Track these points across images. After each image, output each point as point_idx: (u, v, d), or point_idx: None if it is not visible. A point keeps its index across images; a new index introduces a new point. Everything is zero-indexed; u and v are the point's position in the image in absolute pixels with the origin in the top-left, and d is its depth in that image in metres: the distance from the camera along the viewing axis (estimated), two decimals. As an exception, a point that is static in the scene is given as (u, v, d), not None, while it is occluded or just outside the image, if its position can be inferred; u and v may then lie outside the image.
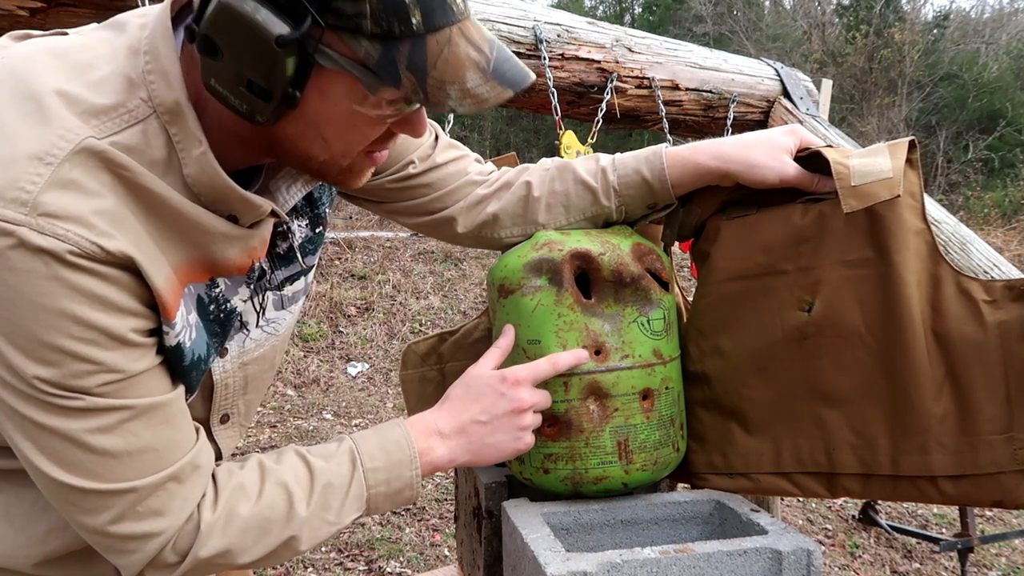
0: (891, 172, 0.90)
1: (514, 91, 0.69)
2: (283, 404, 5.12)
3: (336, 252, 7.64)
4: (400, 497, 0.86)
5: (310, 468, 0.81)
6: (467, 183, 1.08)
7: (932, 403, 0.90)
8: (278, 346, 0.95)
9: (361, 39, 0.64)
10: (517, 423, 0.92)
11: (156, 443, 0.71)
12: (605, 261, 1.00)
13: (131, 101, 0.68)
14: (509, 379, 0.92)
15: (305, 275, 0.95)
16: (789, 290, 0.99)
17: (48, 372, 0.64)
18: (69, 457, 0.67)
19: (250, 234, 0.78)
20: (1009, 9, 15.09)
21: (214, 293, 0.79)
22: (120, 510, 0.70)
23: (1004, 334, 0.88)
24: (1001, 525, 3.88)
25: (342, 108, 0.70)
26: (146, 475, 0.70)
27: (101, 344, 0.65)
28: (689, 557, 0.86)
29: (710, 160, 1.01)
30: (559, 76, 1.86)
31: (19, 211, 0.60)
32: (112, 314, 0.66)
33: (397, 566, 3.21)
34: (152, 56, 0.69)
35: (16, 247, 0.61)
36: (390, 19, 0.63)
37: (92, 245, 0.63)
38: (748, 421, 1.03)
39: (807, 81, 2.37)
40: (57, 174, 0.62)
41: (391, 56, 0.65)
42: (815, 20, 13.68)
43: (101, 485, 0.68)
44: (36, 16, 1.30)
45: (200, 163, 0.70)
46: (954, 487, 0.90)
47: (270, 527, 0.77)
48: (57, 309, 0.63)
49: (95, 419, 0.67)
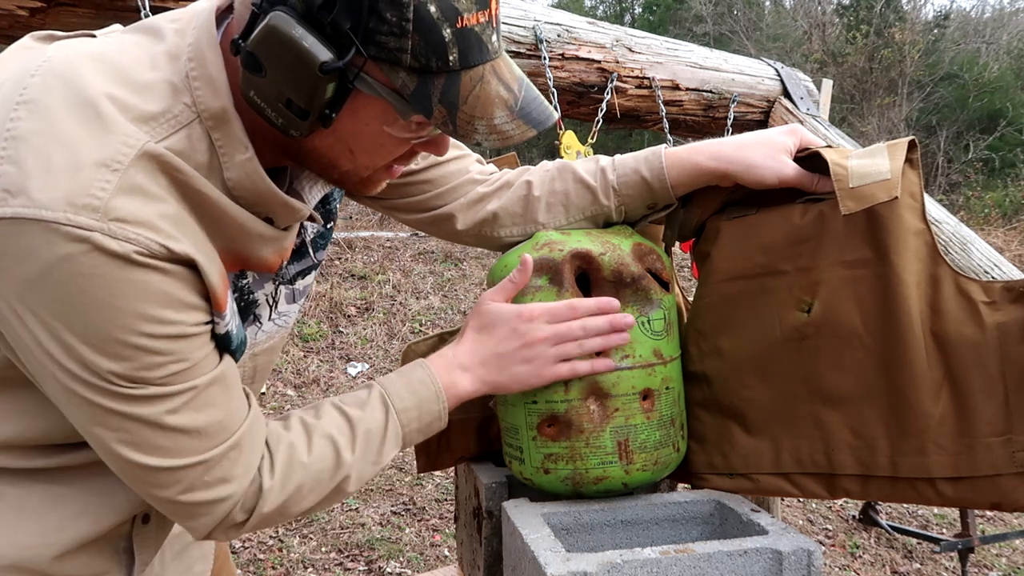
0: (889, 173, 0.90)
1: (537, 131, 0.74)
2: (283, 404, 5.12)
3: (336, 252, 7.64)
4: (431, 428, 0.93)
5: (349, 418, 0.87)
6: (468, 181, 1.09)
7: (930, 404, 0.90)
8: (284, 338, 0.99)
9: (400, 71, 0.68)
10: (533, 354, 0.95)
11: (218, 414, 0.75)
12: (605, 261, 1.00)
13: (176, 107, 0.70)
14: (524, 315, 0.95)
15: (314, 269, 0.98)
16: (788, 290, 0.99)
17: (121, 366, 0.67)
18: (142, 439, 0.71)
19: (284, 235, 0.82)
20: (1010, 9, 15.09)
21: (240, 283, 0.85)
22: (189, 482, 0.75)
23: (1002, 336, 0.87)
24: (1001, 525, 3.88)
25: (373, 128, 0.74)
26: (211, 448, 0.75)
27: (169, 337, 0.69)
28: (689, 557, 0.86)
29: (708, 161, 1.01)
30: (559, 76, 1.86)
31: (92, 217, 0.63)
32: (178, 310, 0.69)
33: (397, 566, 3.21)
34: (198, 63, 0.71)
35: (90, 252, 0.63)
36: (429, 56, 0.67)
37: (160, 247, 0.66)
38: (748, 421, 1.03)
39: (807, 81, 2.37)
40: (124, 180, 0.65)
41: (426, 89, 0.69)
42: (815, 20, 13.67)
43: (172, 462, 0.73)
44: (36, 16, 1.30)
45: (245, 168, 0.73)
46: (952, 489, 0.90)
47: (322, 477, 0.84)
48: (129, 308, 0.66)
49: (165, 403, 0.71)
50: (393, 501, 3.79)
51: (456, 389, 0.94)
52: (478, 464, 1.23)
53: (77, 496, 0.79)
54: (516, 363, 0.95)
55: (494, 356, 0.95)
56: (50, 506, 0.79)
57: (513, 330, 0.95)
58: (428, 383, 0.92)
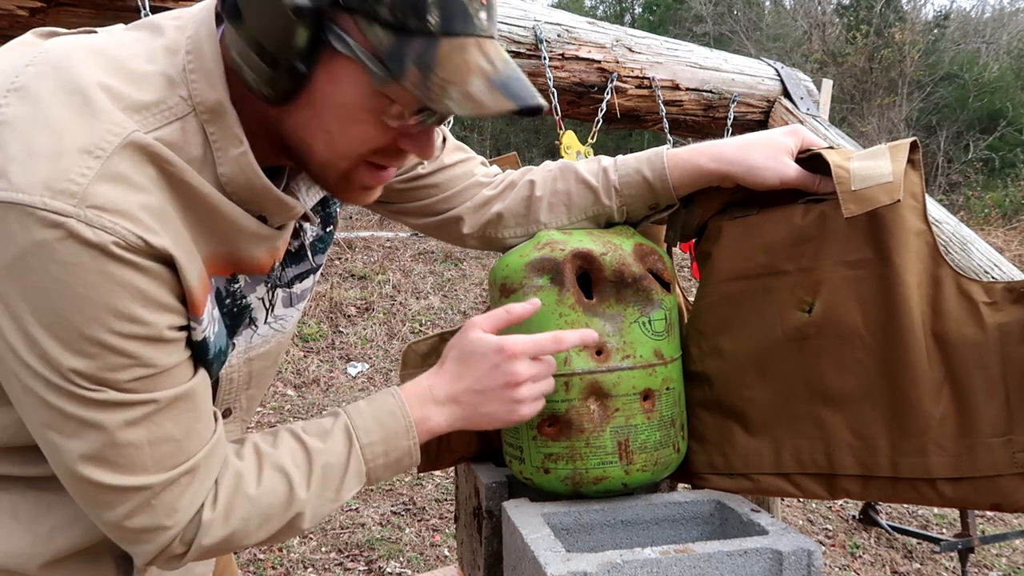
0: (891, 176, 0.90)
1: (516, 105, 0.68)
2: (283, 404, 5.12)
3: (336, 252, 7.63)
4: (400, 465, 0.87)
5: (307, 450, 0.82)
6: (474, 184, 1.09)
7: (931, 405, 0.90)
8: (283, 343, 0.96)
9: (376, 26, 0.65)
10: (511, 396, 0.90)
11: (178, 433, 0.72)
12: (607, 261, 1.00)
13: (171, 98, 0.69)
14: (507, 350, 0.89)
15: (314, 273, 0.96)
16: (790, 290, 0.99)
17: (84, 364, 0.65)
18: (95, 451, 0.68)
19: (277, 235, 0.80)
20: (1010, 9, 15.08)
21: (232, 288, 0.81)
22: (135, 505, 0.71)
23: (1004, 336, 0.87)
24: (1002, 525, 3.88)
25: (348, 100, 0.70)
26: (164, 469, 0.71)
27: (139, 338, 0.66)
28: (690, 557, 0.86)
29: (710, 162, 1.01)
30: (559, 76, 1.86)
31: (68, 202, 0.61)
32: (152, 309, 0.67)
33: (397, 566, 3.21)
34: (196, 55, 0.70)
35: (65, 239, 0.61)
36: (407, 13, 0.64)
37: (137, 239, 0.64)
38: (748, 421, 1.03)
39: (807, 81, 2.37)
40: (106, 167, 0.63)
41: (401, 49, 0.65)
42: (815, 20, 13.67)
43: (122, 479, 0.69)
44: (36, 16, 1.30)
45: (239, 163, 0.72)
46: (953, 490, 0.90)
47: (271, 512, 0.79)
48: (101, 302, 0.64)
49: (125, 412, 0.68)
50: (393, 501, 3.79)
51: (429, 424, 0.88)
52: (478, 464, 1.23)
53: (69, 504, 0.77)
54: (494, 402, 0.90)
55: (471, 393, 0.90)
56: (42, 514, 0.77)
57: (495, 366, 0.89)
58: (399, 415, 0.86)
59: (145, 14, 1.31)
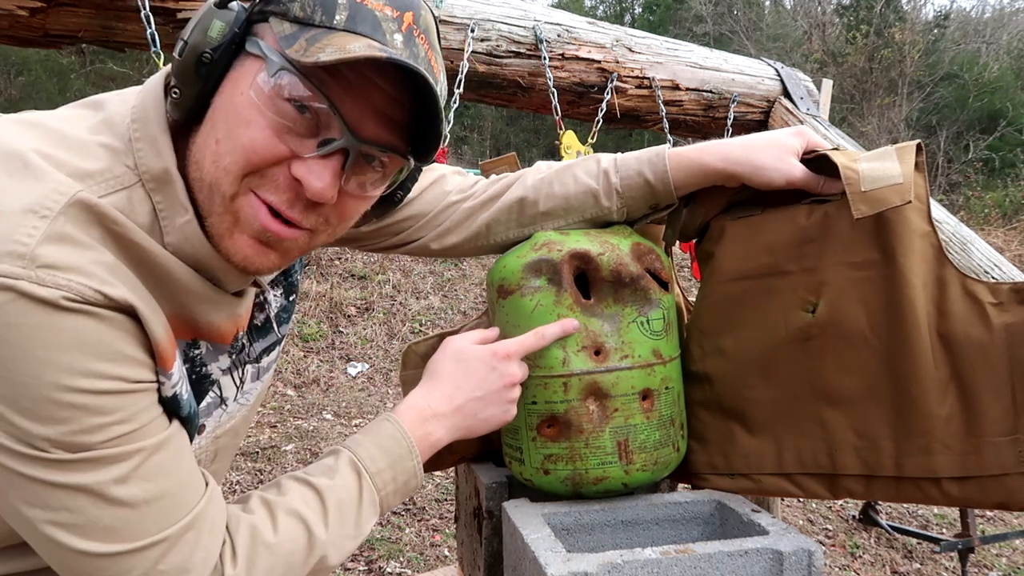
0: (901, 177, 0.90)
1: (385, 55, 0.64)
2: (283, 404, 5.12)
3: (336, 252, 7.63)
4: (407, 488, 0.87)
5: (317, 490, 0.79)
6: (448, 205, 1.08)
7: (936, 405, 0.90)
8: (248, 416, 0.93)
9: (284, 23, 0.67)
10: (508, 396, 0.94)
11: (170, 486, 0.68)
12: (604, 261, 1.00)
13: (116, 167, 0.67)
14: (500, 353, 0.94)
15: (279, 344, 0.94)
16: (793, 291, 0.99)
17: (56, 431, 0.60)
18: (85, 519, 0.63)
19: (236, 301, 0.78)
20: (1010, 9, 15.09)
21: (192, 353, 0.78)
22: (143, 570, 0.66)
23: (1011, 337, 0.88)
24: (1002, 525, 3.88)
25: (244, 99, 0.68)
26: (164, 527, 0.67)
27: (109, 393, 0.62)
28: (690, 558, 0.86)
29: (716, 161, 1.01)
30: (559, 76, 1.86)
31: (16, 264, 0.57)
32: (117, 363, 0.63)
33: (397, 566, 3.21)
34: (141, 124, 0.69)
35: (16, 300, 0.57)
36: (316, 9, 0.66)
37: (95, 292, 0.60)
38: (750, 421, 1.03)
39: (807, 81, 2.37)
40: (53, 227, 0.59)
41: (299, 33, 0.66)
42: (815, 20, 13.67)
43: (120, 546, 0.64)
44: (36, 16, 1.30)
45: (184, 231, 0.69)
46: (958, 489, 0.90)
47: (294, 559, 0.75)
48: (61, 362, 0.59)
49: (111, 469, 0.63)
50: (393, 501, 3.79)
51: (431, 439, 0.89)
52: (478, 464, 1.23)
53: None
54: (492, 406, 0.93)
55: (472, 400, 0.92)
56: None
57: (492, 369, 0.93)
58: (399, 438, 0.86)
59: (145, 15, 1.31)
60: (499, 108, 1.67)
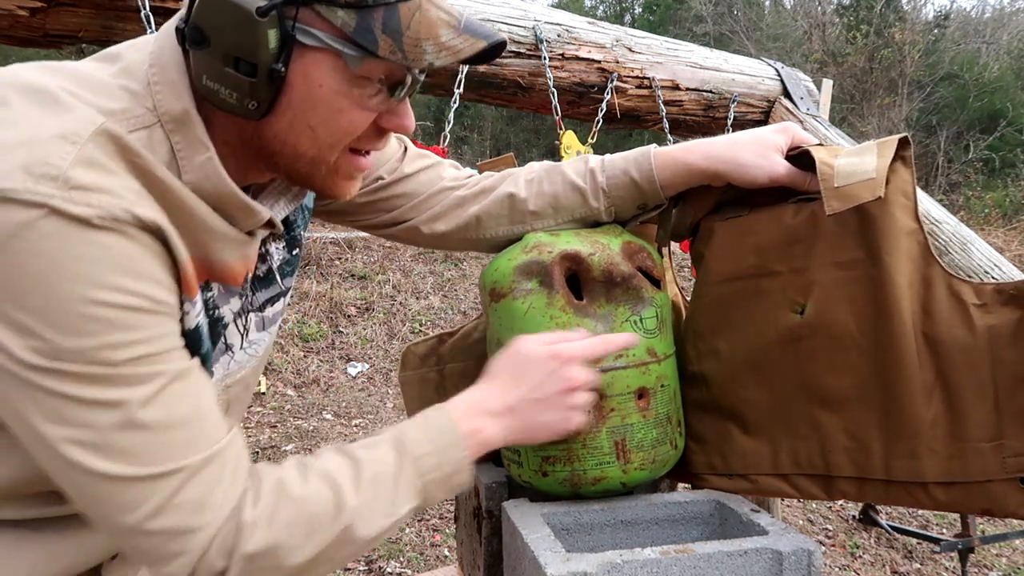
0: (874, 172, 0.88)
1: (487, 42, 0.73)
2: (283, 404, 5.12)
3: (336, 252, 7.64)
4: (453, 482, 0.82)
5: (353, 459, 0.77)
6: (441, 190, 1.08)
7: (922, 407, 0.89)
8: (257, 368, 0.94)
9: (336, 9, 0.68)
10: (568, 402, 0.89)
11: (191, 416, 0.68)
12: (595, 261, 1.00)
13: (136, 109, 0.69)
14: (562, 356, 0.89)
15: (283, 296, 0.95)
16: (782, 292, 0.98)
17: (83, 342, 0.62)
18: (106, 439, 0.64)
19: (247, 241, 0.79)
20: (1010, 9, 15.09)
21: (206, 296, 0.78)
22: (159, 500, 0.66)
23: (993, 339, 0.86)
24: (1002, 526, 3.88)
25: (327, 91, 0.72)
26: (183, 456, 0.67)
27: (133, 309, 0.64)
28: (689, 557, 0.86)
29: (700, 160, 1.00)
30: (559, 76, 1.86)
31: (50, 186, 0.60)
32: (145, 281, 0.65)
33: (397, 566, 3.21)
34: (160, 68, 0.71)
35: (49, 216, 0.60)
36: None
37: (125, 212, 0.63)
38: (746, 422, 1.03)
39: (807, 81, 2.37)
40: (83, 152, 0.62)
41: (367, 22, 0.68)
42: (815, 20, 13.67)
43: (138, 469, 0.65)
44: (36, 16, 1.30)
45: (204, 169, 0.71)
46: (945, 494, 0.88)
47: (319, 520, 0.73)
48: (92, 276, 0.62)
49: (134, 389, 0.64)
50: (393, 501, 3.79)
51: (481, 435, 0.84)
52: (478, 464, 1.22)
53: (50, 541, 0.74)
54: (551, 410, 0.88)
55: (528, 402, 0.88)
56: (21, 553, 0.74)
57: (551, 372, 0.88)
58: (448, 429, 0.82)
59: (145, 15, 1.31)
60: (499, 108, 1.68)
